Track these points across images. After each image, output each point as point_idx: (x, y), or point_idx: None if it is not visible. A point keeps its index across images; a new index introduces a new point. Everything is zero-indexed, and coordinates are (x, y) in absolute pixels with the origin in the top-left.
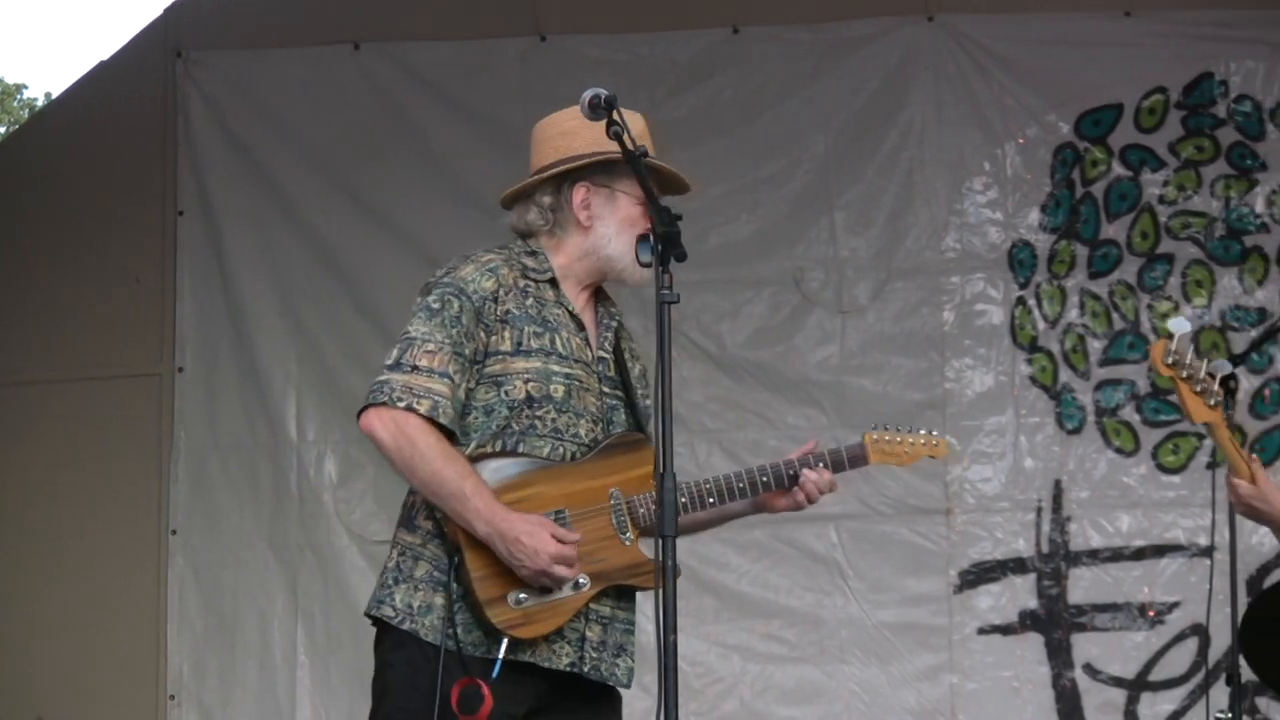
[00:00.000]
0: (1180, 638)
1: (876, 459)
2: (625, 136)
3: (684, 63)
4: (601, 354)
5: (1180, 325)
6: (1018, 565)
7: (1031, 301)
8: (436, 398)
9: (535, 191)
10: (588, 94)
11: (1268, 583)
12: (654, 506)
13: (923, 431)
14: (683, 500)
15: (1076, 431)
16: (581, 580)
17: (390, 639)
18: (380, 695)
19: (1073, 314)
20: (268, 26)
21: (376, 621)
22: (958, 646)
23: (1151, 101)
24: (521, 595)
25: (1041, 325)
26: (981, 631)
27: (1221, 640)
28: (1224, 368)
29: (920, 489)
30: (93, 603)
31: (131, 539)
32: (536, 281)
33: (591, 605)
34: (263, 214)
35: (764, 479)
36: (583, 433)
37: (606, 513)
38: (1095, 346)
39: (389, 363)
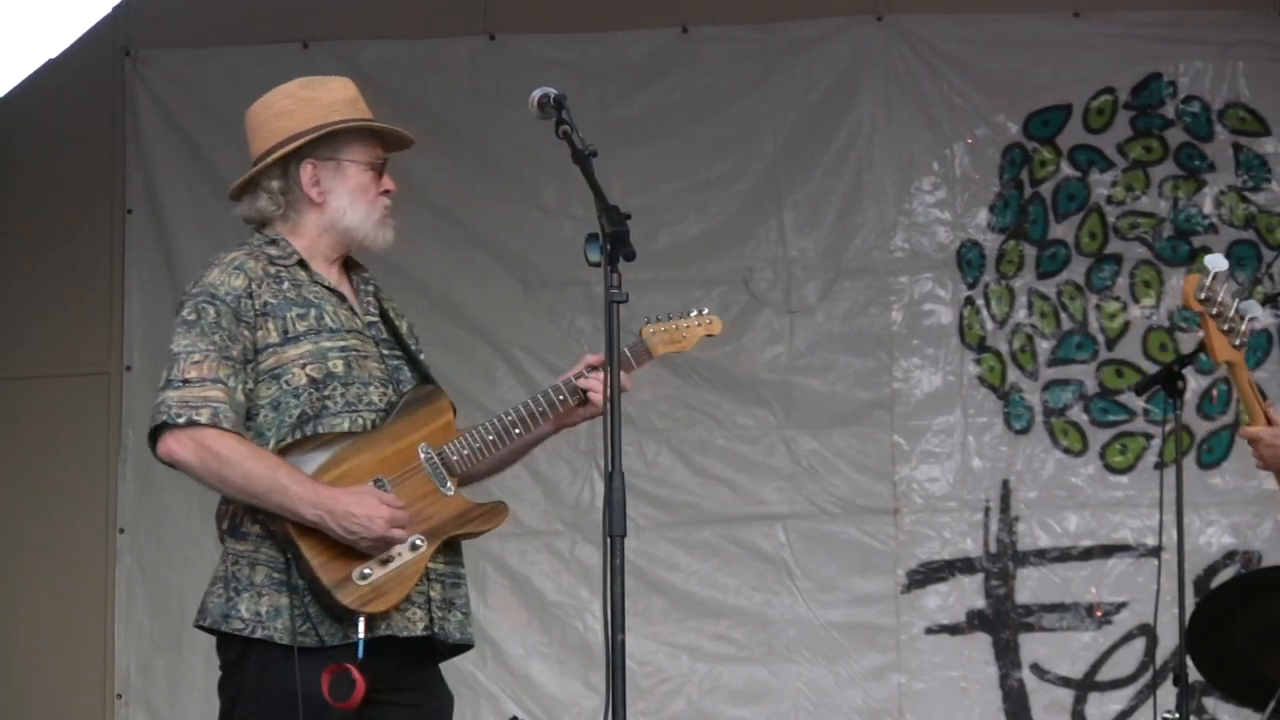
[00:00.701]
0: (1128, 638)
1: (660, 349)
2: (574, 136)
3: (634, 62)
4: (370, 318)
5: (1217, 263)
6: (965, 565)
7: (980, 301)
8: (214, 404)
9: (262, 178)
10: (536, 93)
11: (1215, 583)
12: (465, 451)
13: (694, 313)
14: (490, 438)
15: (1024, 431)
16: (418, 541)
17: (237, 646)
18: (230, 701)
19: (1021, 314)
20: (217, 25)
21: (220, 635)
22: (905, 646)
23: (1100, 102)
24: (366, 570)
25: (990, 325)
26: (929, 631)
27: (1169, 640)
28: (1253, 309)
29: (868, 489)
30: (40, 601)
31: (79, 538)
32: (285, 266)
33: (429, 564)
34: (211, 212)
35: (560, 397)
36: (375, 399)
37: (421, 470)
38: (1043, 347)
39: (160, 384)
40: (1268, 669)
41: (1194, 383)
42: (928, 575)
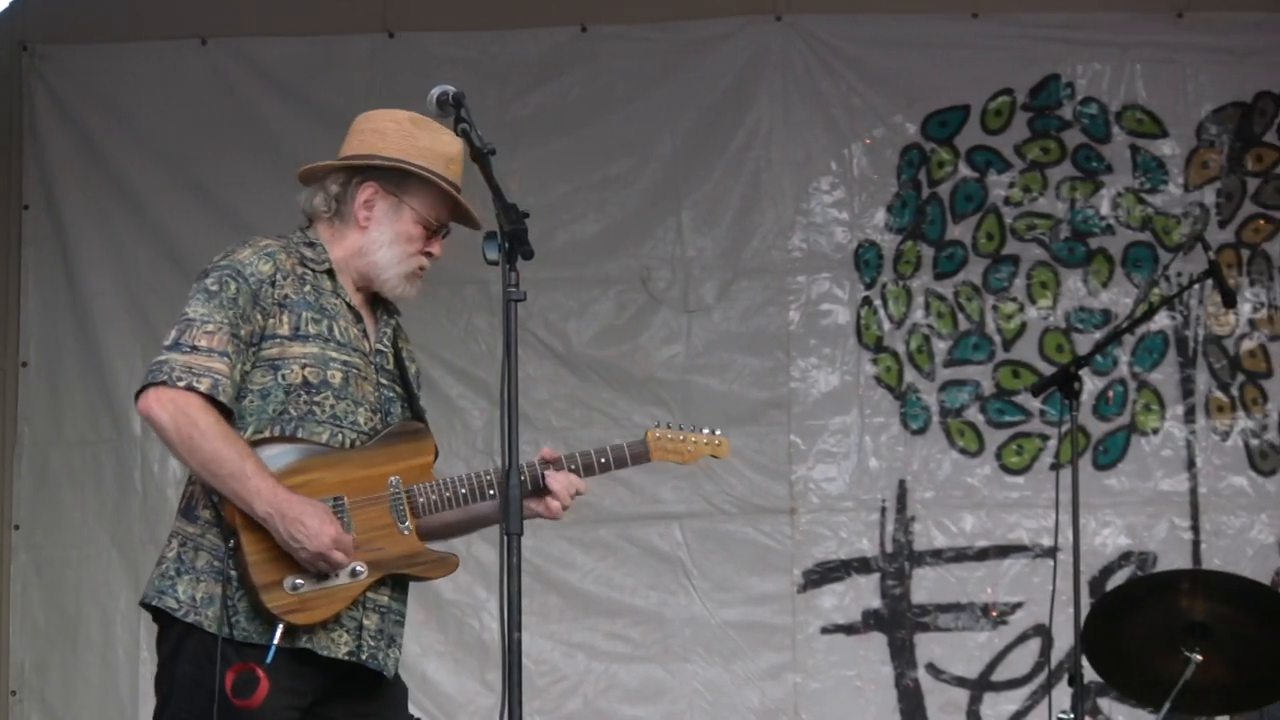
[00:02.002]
0: (1023, 638)
1: (659, 456)
2: (472, 134)
3: (532, 61)
4: (380, 347)
5: None
6: (861, 565)
7: (877, 302)
8: (217, 376)
9: (328, 177)
10: (435, 91)
11: (1110, 584)
12: (433, 496)
13: (705, 430)
14: (462, 491)
15: (921, 432)
16: (359, 568)
17: (174, 634)
18: (165, 696)
19: (918, 314)
20: (114, 20)
21: (157, 613)
22: (801, 646)
23: (998, 103)
24: (298, 581)
25: (887, 325)
26: (825, 631)
27: (1064, 641)
28: None
29: (765, 488)
30: None
31: None
32: (314, 271)
33: (369, 594)
34: (108, 208)
35: (521, 478)
36: (361, 420)
37: (385, 501)
38: (940, 347)
39: (167, 344)
40: (1162, 669)
41: (1090, 384)
42: (824, 575)
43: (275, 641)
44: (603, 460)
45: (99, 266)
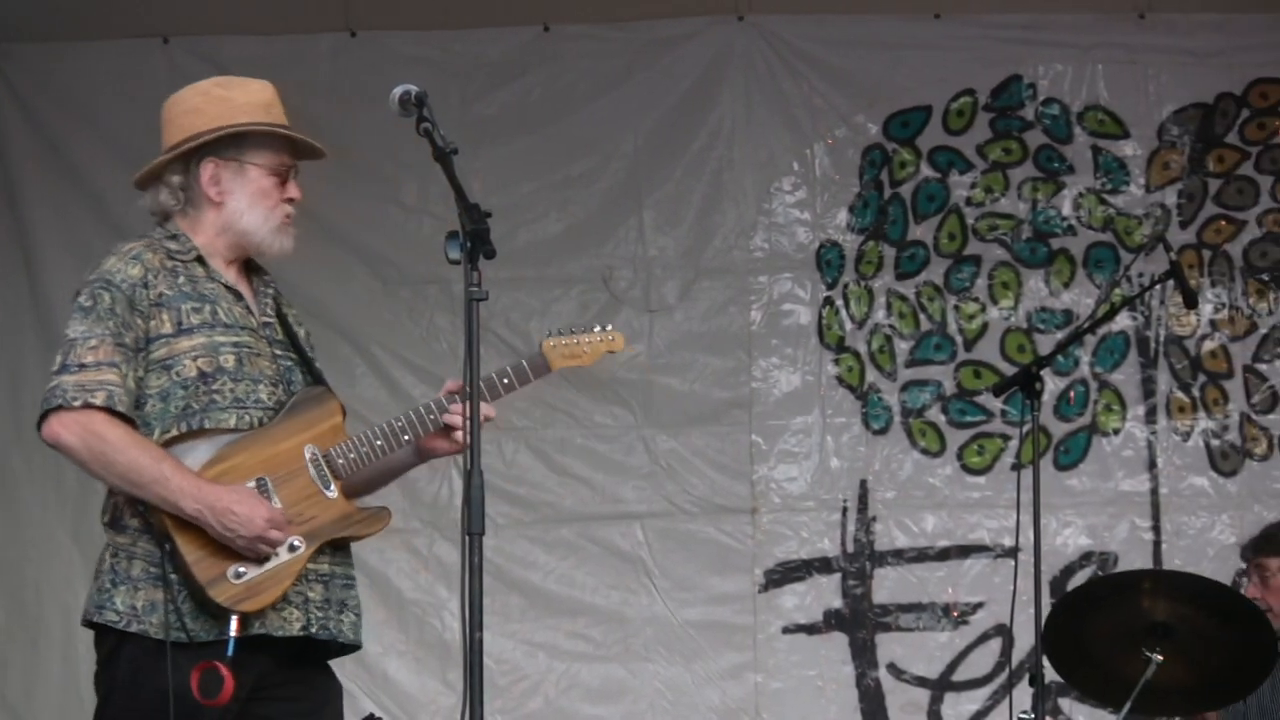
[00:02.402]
0: (984, 638)
1: (559, 364)
2: (435, 133)
3: (495, 60)
4: (265, 319)
5: None
6: (823, 565)
7: (839, 302)
8: (110, 388)
9: (165, 171)
10: (397, 91)
11: (1071, 584)
12: (351, 455)
13: (597, 328)
14: (378, 443)
15: (883, 432)
16: (296, 543)
17: (113, 639)
18: (105, 697)
19: (880, 315)
20: (76, 20)
21: (97, 627)
22: (762, 645)
23: (960, 104)
24: (241, 569)
25: (849, 326)
26: (786, 631)
27: (1025, 641)
28: None
29: (726, 488)
30: None
31: None
32: (183, 261)
33: (309, 566)
34: (71, 208)
35: (431, 416)
36: (264, 397)
37: (306, 471)
38: (902, 347)
39: (55, 369)
40: (1123, 669)
41: (1051, 384)
42: (785, 575)
43: (233, 633)
44: (505, 381)
45: (61, 265)
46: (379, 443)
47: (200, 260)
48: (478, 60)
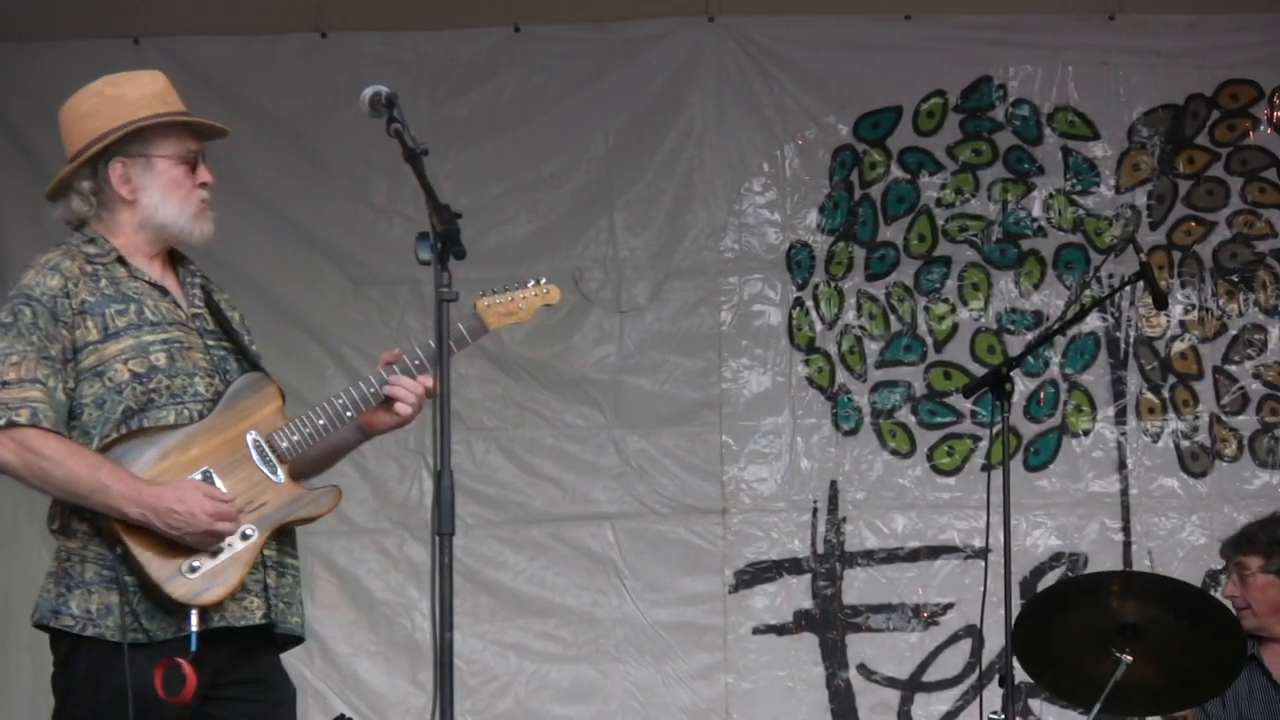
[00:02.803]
0: (954, 639)
1: (495, 322)
2: (405, 134)
3: (465, 61)
4: (195, 310)
5: None
6: (793, 565)
7: (809, 303)
8: (33, 405)
9: (73, 180)
10: (368, 92)
11: (1041, 585)
12: (294, 437)
13: (531, 282)
14: (320, 422)
15: (853, 433)
16: (248, 530)
17: (68, 643)
18: (63, 697)
19: (850, 315)
20: (47, 20)
21: (54, 632)
22: (733, 646)
23: (930, 104)
24: (195, 563)
25: (819, 326)
26: (756, 631)
27: (995, 641)
28: None
29: (696, 489)
30: None
31: None
32: (104, 265)
33: (266, 552)
34: (41, 208)
35: (371, 390)
36: (202, 389)
37: (250, 458)
38: (872, 348)
39: None
40: (1093, 670)
41: (1021, 385)
42: (755, 575)
43: (194, 629)
44: (397, 371)
45: None
46: (321, 422)
47: (121, 260)
48: (448, 61)
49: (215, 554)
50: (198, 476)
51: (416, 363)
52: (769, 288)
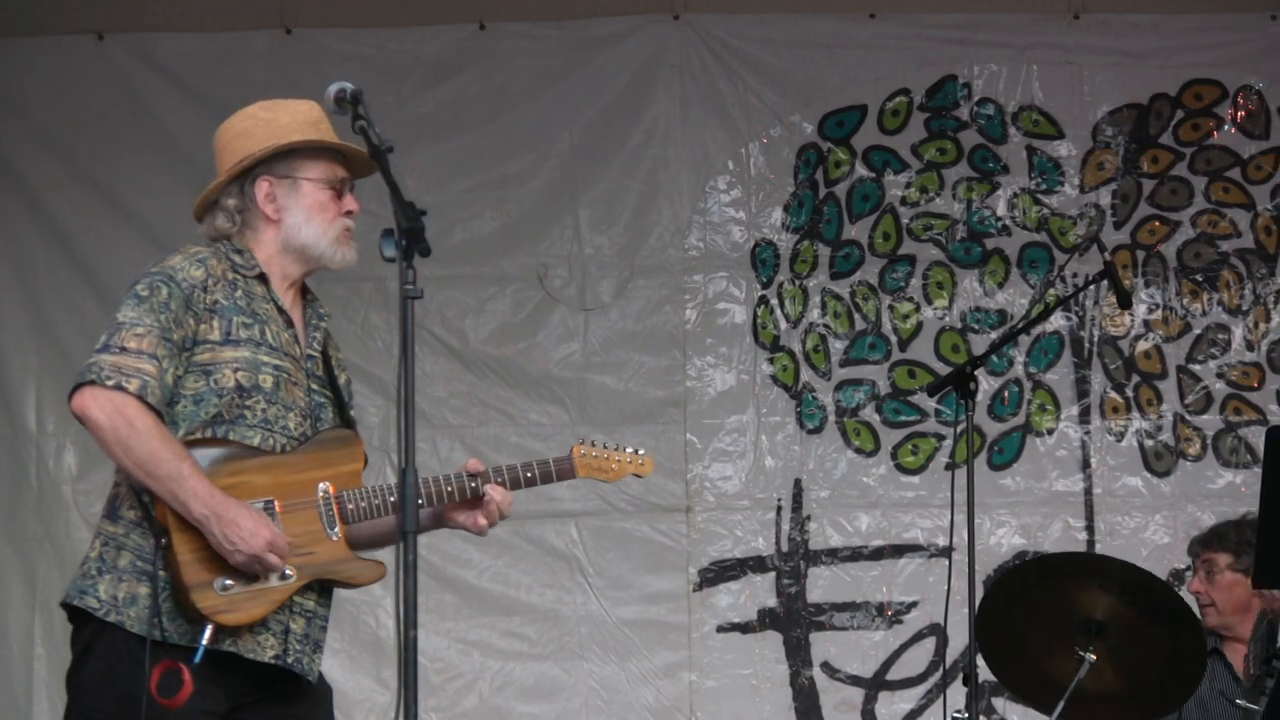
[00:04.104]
0: (918, 637)
1: (584, 473)
2: (370, 131)
3: (431, 58)
4: (310, 352)
5: None
6: (757, 564)
7: (774, 301)
8: (145, 378)
9: (220, 197)
10: (333, 88)
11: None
12: (362, 504)
13: (629, 449)
14: (391, 499)
15: (817, 431)
16: (289, 572)
17: (89, 632)
18: (74, 695)
19: (814, 314)
20: (10, 15)
21: (75, 612)
22: (697, 644)
23: (895, 103)
24: (228, 582)
25: (783, 325)
26: (720, 629)
27: (959, 640)
28: None
29: (661, 487)
30: None
31: None
32: (245, 276)
33: (296, 598)
34: (4, 204)
35: (449, 489)
36: (292, 426)
37: (314, 506)
38: (836, 347)
39: (97, 346)
40: (1057, 669)
41: (985, 384)
42: (719, 573)
43: (204, 642)
44: (529, 475)
45: None
46: (391, 499)
47: (262, 278)
48: (413, 58)
49: (250, 581)
50: (260, 504)
51: (500, 480)
52: (733, 286)
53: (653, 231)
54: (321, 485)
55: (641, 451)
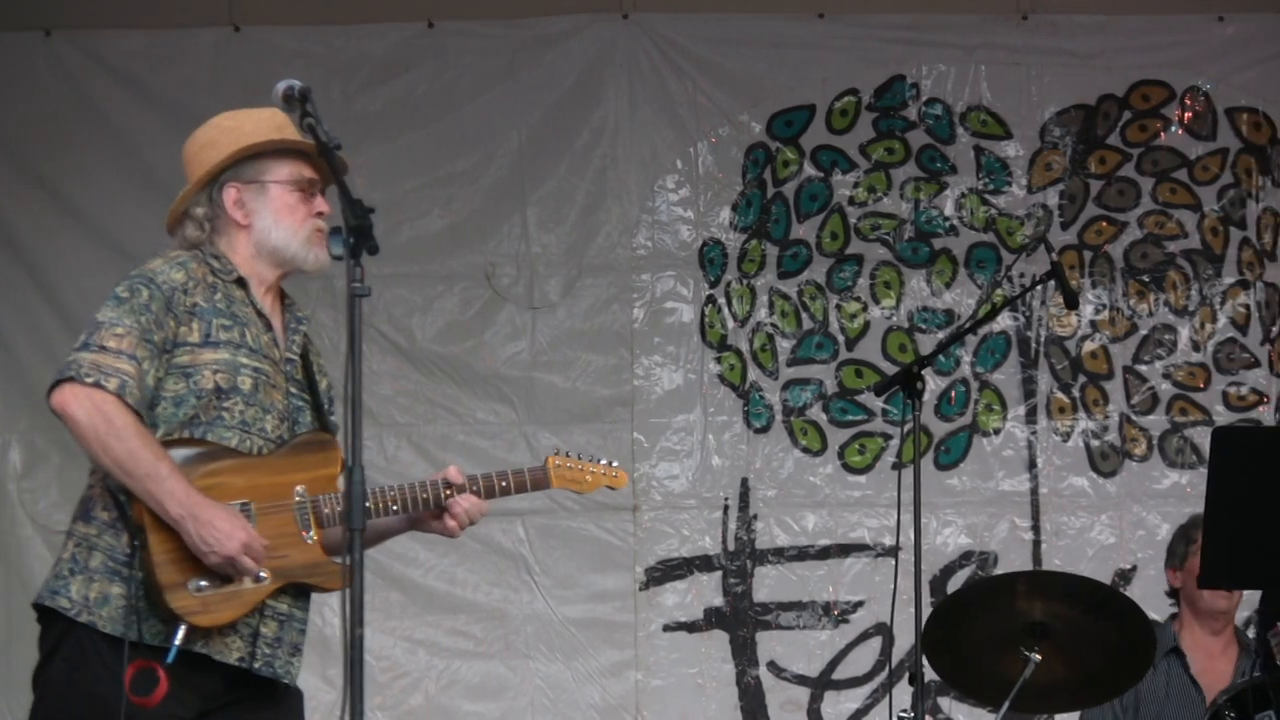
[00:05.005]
0: (864, 637)
1: (558, 484)
2: (318, 128)
3: (379, 56)
4: (290, 355)
5: None
6: (704, 563)
7: (721, 300)
8: (124, 377)
9: (190, 208)
10: (281, 86)
11: (951, 583)
12: (338, 507)
13: (603, 461)
14: (366, 504)
15: (764, 430)
16: (262, 575)
17: (56, 632)
18: (40, 694)
19: (762, 313)
20: None
21: (45, 613)
22: (643, 643)
23: (843, 103)
24: (202, 583)
25: (731, 324)
26: (667, 628)
27: (905, 639)
28: None
29: None
30: None
31: None
32: (225, 280)
33: (269, 601)
34: None
35: (424, 496)
36: (269, 428)
37: (290, 509)
38: (784, 346)
39: (77, 345)
40: (1002, 669)
41: (932, 384)
42: (666, 573)
43: (177, 642)
44: (503, 484)
45: None
46: (367, 504)
47: (240, 282)
48: (361, 56)
49: (224, 583)
50: (236, 506)
51: (475, 489)
52: (681, 285)
53: (601, 230)
54: (298, 488)
55: (615, 464)
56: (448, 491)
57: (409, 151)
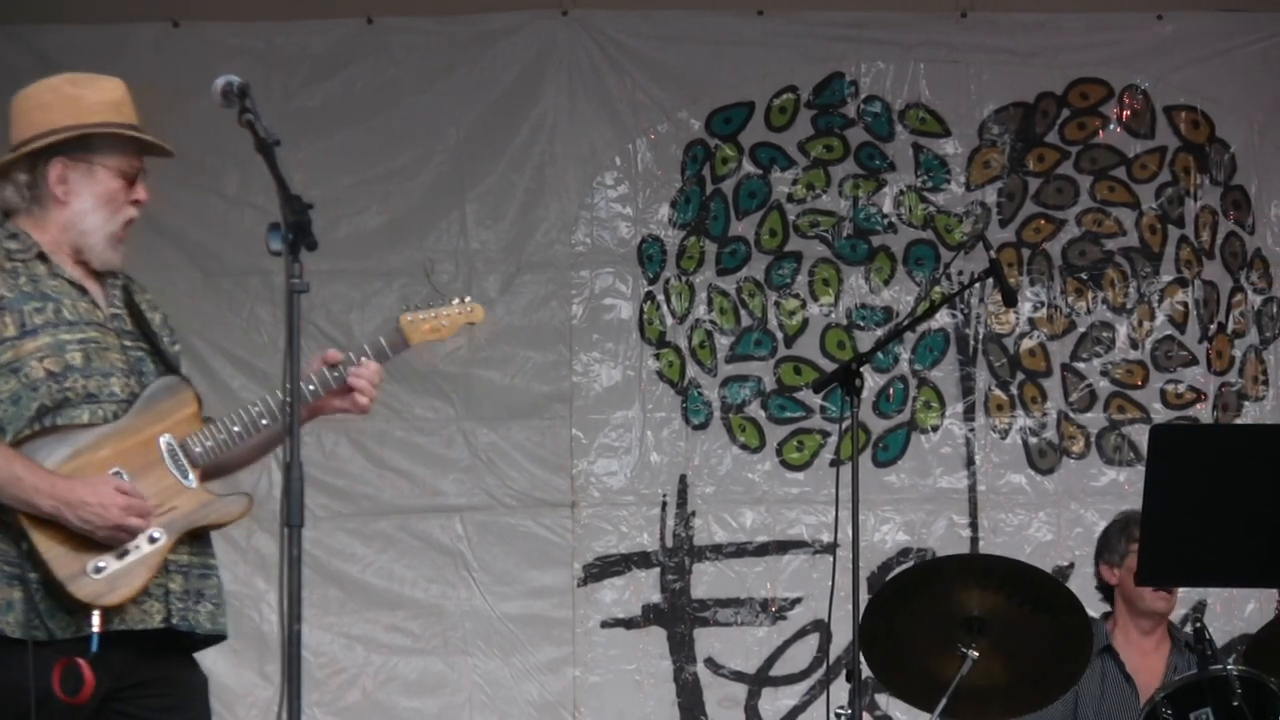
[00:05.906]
0: (802, 634)
1: (417, 339)
2: (257, 125)
3: (318, 52)
4: (114, 310)
5: None
6: (642, 559)
7: (660, 297)
8: None
9: (11, 169)
10: (220, 82)
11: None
12: (209, 443)
13: (456, 301)
14: (235, 429)
15: (702, 427)
16: (156, 534)
17: None
18: None
19: (701, 310)
20: None
21: None
22: (581, 639)
23: (782, 100)
24: (100, 563)
25: (670, 321)
26: (605, 625)
27: (843, 636)
28: None
29: (546, 482)
30: None
31: None
32: (24, 261)
33: (170, 557)
34: None
35: (311, 388)
36: (118, 389)
37: (162, 462)
38: (723, 343)
39: None
40: (940, 670)
41: (871, 381)
42: (604, 569)
43: (95, 629)
44: (364, 356)
45: None
46: (236, 429)
47: (42, 257)
48: (301, 52)
49: (121, 556)
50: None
51: (360, 360)
52: (620, 281)
53: (539, 227)
54: (163, 438)
55: (468, 299)
56: (335, 374)
57: (348, 147)
